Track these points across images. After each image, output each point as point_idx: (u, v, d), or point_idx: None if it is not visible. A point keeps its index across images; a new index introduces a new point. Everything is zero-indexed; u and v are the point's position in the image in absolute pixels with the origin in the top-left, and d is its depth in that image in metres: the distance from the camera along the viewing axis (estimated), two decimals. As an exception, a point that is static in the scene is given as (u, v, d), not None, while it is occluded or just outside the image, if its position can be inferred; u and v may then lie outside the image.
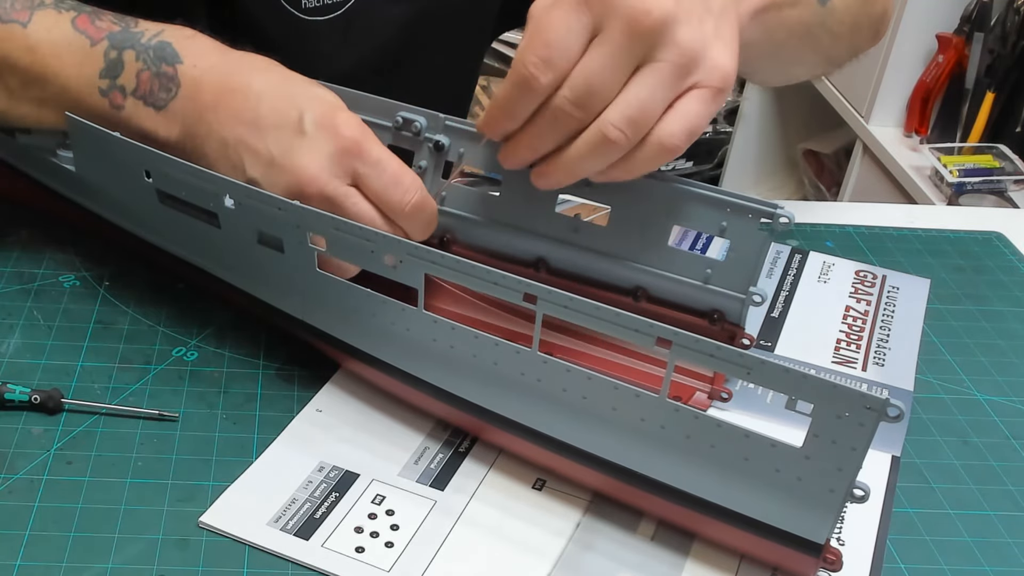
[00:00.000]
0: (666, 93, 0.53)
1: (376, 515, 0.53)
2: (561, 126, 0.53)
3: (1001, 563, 0.53)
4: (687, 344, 0.47)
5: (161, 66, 0.59)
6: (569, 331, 0.62)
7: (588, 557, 0.52)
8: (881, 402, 0.43)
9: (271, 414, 0.58)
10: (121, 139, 0.59)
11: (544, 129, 0.54)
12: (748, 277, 0.59)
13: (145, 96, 0.60)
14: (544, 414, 0.53)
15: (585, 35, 0.52)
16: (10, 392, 0.56)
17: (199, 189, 0.58)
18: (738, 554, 0.52)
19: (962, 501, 0.57)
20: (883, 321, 0.70)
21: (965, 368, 0.67)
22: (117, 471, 0.54)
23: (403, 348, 0.56)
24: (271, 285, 0.60)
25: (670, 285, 0.61)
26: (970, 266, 0.78)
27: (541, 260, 0.64)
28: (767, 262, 0.74)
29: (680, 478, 0.50)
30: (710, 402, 0.61)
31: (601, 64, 0.52)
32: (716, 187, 0.58)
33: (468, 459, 0.57)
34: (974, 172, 1.62)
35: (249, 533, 0.51)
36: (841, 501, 0.46)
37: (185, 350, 0.62)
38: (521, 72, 0.52)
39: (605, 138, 0.52)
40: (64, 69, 0.61)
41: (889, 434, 0.58)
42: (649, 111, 0.52)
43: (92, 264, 0.68)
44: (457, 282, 0.52)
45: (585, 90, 0.52)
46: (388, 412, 0.59)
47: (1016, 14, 1.63)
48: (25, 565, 0.49)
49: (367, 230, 0.53)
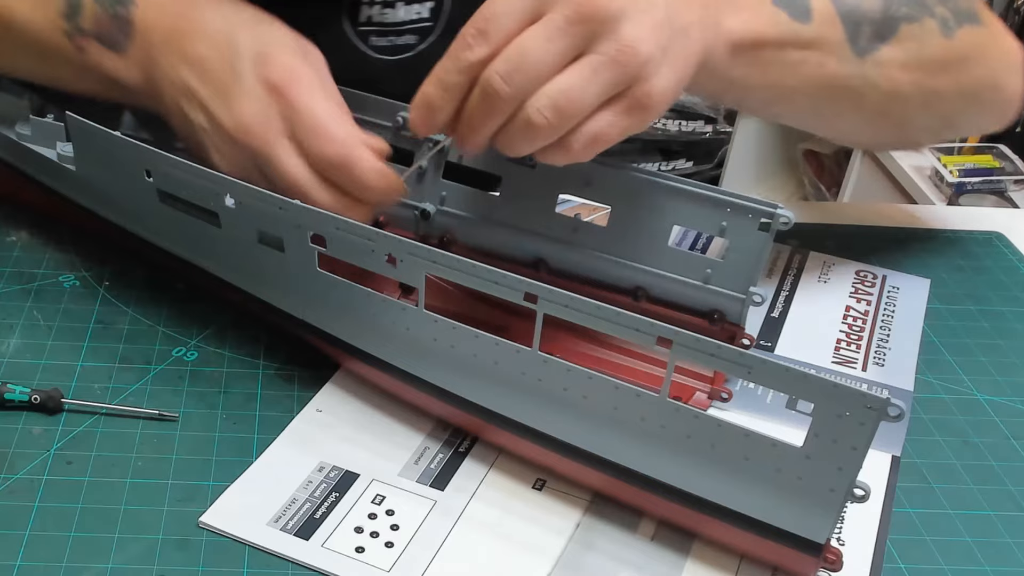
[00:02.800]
0: (599, 88, 0.51)
1: (376, 515, 0.53)
2: (492, 103, 0.51)
3: (1001, 563, 0.53)
4: (687, 343, 0.47)
5: (116, 8, 0.58)
6: (569, 331, 0.61)
7: (588, 557, 0.52)
8: (882, 402, 0.43)
9: (271, 414, 0.58)
10: (122, 139, 0.59)
11: (477, 108, 0.52)
12: (748, 277, 0.59)
13: (105, 39, 0.58)
14: (544, 414, 0.53)
15: (527, 14, 0.51)
16: (10, 392, 0.56)
17: (200, 188, 0.58)
18: (738, 554, 0.52)
19: (962, 501, 0.57)
20: (883, 321, 0.70)
21: (965, 368, 0.67)
22: (117, 471, 0.54)
23: (403, 347, 0.56)
24: (271, 285, 0.60)
25: (670, 285, 0.61)
26: (970, 266, 0.78)
27: (541, 260, 0.64)
28: (767, 262, 0.74)
29: (680, 478, 0.50)
30: (710, 402, 0.61)
31: (535, 43, 0.50)
32: (716, 187, 0.59)
33: (468, 459, 0.57)
34: (974, 172, 1.62)
35: (249, 533, 0.51)
36: (841, 501, 0.46)
37: (185, 350, 0.62)
38: (455, 44, 0.51)
39: (530, 121, 0.51)
40: (26, 12, 0.60)
41: (889, 434, 0.58)
42: (577, 102, 0.51)
43: (92, 264, 0.68)
44: (457, 282, 0.52)
45: (515, 64, 0.50)
46: (388, 412, 0.59)
47: (1016, 14, 1.63)
48: (25, 565, 0.49)
49: (368, 229, 0.53)
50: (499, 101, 0.51)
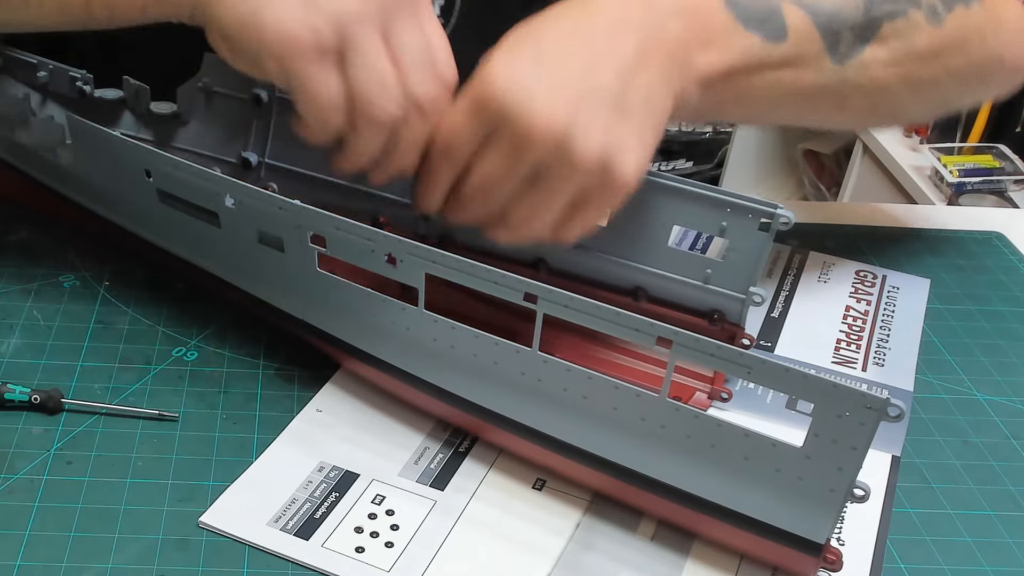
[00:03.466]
0: (557, 204, 0.53)
1: (376, 515, 0.53)
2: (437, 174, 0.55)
3: (1001, 563, 0.53)
4: (687, 343, 0.47)
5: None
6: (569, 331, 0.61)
7: (588, 557, 0.52)
8: (882, 401, 0.43)
9: (271, 414, 0.58)
10: (122, 139, 0.59)
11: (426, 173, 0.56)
12: (748, 277, 0.59)
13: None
14: (544, 414, 0.53)
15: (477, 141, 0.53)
16: (10, 392, 0.56)
17: (199, 188, 0.58)
18: (738, 554, 0.52)
19: (962, 501, 0.57)
20: (883, 321, 0.70)
21: (965, 368, 0.67)
22: (117, 471, 0.54)
23: (403, 347, 0.56)
24: (271, 284, 0.60)
25: (670, 285, 0.61)
26: (970, 266, 0.78)
27: (541, 260, 0.64)
28: (767, 262, 0.74)
29: (680, 478, 0.50)
30: (710, 402, 0.61)
31: (453, 128, 0.53)
32: (716, 187, 0.58)
33: (468, 459, 0.57)
34: (974, 172, 1.62)
35: (249, 533, 0.51)
36: (841, 501, 0.46)
37: (185, 350, 0.62)
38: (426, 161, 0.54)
39: (461, 195, 0.55)
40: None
41: (889, 434, 0.58)
42: (490, 185, 0.53)
43: (92, 264, 0.68)
44: (457, 281, 0.52)
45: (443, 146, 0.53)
46: (388, 412, 0.59)
47: (1016, 13, 1.63)
48: (25, 565, 0.49)
49: (368, 229, 0.53)
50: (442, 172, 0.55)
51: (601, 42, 0.53)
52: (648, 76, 0.54)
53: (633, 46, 0.53)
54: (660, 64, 0.54)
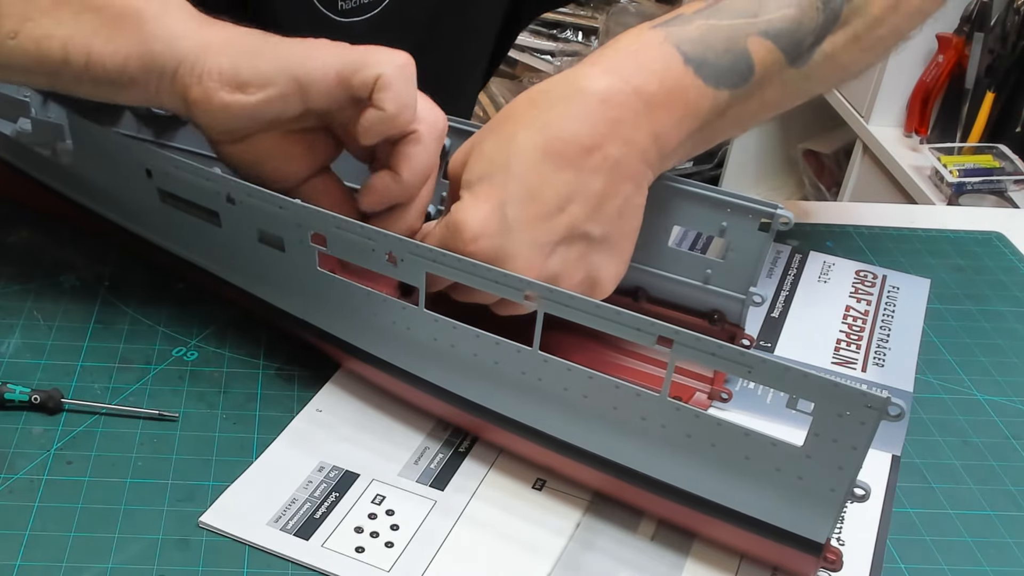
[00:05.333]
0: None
1: (376, 515, 0.53)
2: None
3: (1001, 563, 0.53)
4: (688, 343, 0.47)
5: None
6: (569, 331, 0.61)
7: (588, 557, 0.52)
8: (882, 401, 0.43)
9: (271, 414, 0.58)
10: (122, 138, 0.59)
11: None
12: (748, 277, 0.59)
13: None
14: (545, 413, 0.53)
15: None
16: (10, 392, 0.56)
17: (200, 188, 0.58)
18: (738, 554, 0.52)
19: (962, 501, 0.57)
20: (883, 321, 0.70)
21: (965, 368, 0.67)
22: (117, 471, 0.54)
23: (404, 347, 0.56)
24: (272, 284, 0.60)
25: (670, 285, 0.61)
26: (970, 266, 0.78)
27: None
28: (767, 262, 0.74)
29: (680, 477, 0.50)
30: (710, 402, 0.61)
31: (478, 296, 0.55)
32: (716, 187, 0.59)
33: (468, 459, 0.57)
34: (974, 172, 1.62)
35: (249, 533, 0.51)
36: (842, 500, 0.46)
37: (185, 350, 0.62)
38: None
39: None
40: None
41: (889, 433, 0.58)
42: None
43: (92, 264, 0.68)
44: (457, 281, 0.52)
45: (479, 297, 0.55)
46: (388, 412, 0.59)
47: (1016, 14, 1.63)
48: (25, 565, 0.49)
49: (369, 228, 0.53)
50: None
51: (570, 175, 0.54)
52: (620, 196, 0.55)
53: (603, 177, 0.54)
54: (632, 175, 0.55)
